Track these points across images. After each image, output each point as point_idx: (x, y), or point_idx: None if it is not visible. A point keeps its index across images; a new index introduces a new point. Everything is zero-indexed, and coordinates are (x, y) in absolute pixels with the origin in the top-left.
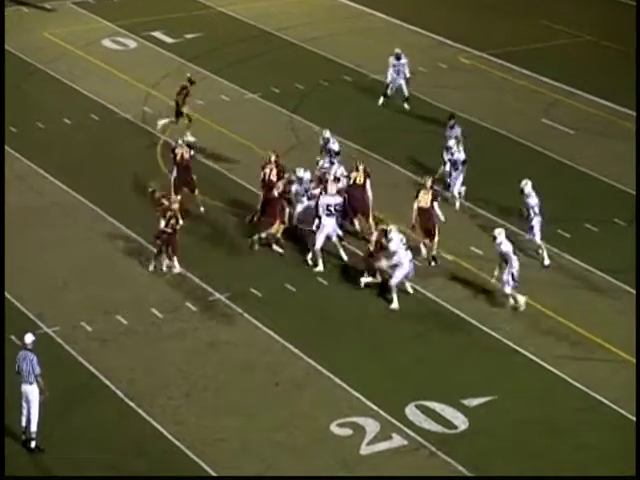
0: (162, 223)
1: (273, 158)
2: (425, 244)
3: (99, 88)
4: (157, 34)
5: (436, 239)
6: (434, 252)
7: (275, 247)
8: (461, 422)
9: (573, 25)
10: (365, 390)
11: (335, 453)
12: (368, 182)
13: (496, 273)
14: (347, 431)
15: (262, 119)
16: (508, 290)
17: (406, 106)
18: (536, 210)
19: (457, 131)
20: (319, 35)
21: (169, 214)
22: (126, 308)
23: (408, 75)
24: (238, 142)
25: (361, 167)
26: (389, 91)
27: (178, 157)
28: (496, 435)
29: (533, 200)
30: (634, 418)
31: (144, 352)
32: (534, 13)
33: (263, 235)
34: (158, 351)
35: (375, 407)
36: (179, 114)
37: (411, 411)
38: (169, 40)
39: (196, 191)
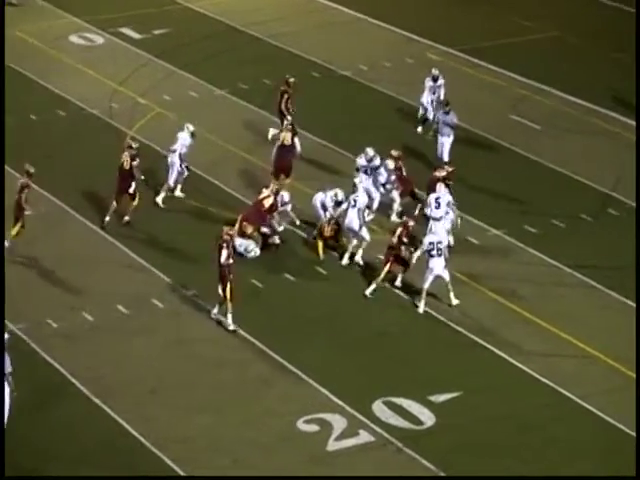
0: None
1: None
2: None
3: (66, 84)
4: (124, 30)
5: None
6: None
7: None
8: (428, 418)
9: (541, 21)
10: (332, 387)
11: (302, 449)
12: (296, 140)
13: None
14: (314, 427)
15: (230, 115)
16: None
17: (419, 129)
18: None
19: (452, 118)
20: (287, 31)
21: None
22: (92, 304)
23: (442, 97)
24: (206, 138)
25: (289, 128)
26: (428, 114)
27: (124, 164)
28: (463, 431)
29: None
30: (601, 414)
31: (111, 349)
32: (502, 9)
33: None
34: (125, 348)
35: (342, 403)
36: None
37: (378, 407)
38: (137, 36)
39: (136, 200)
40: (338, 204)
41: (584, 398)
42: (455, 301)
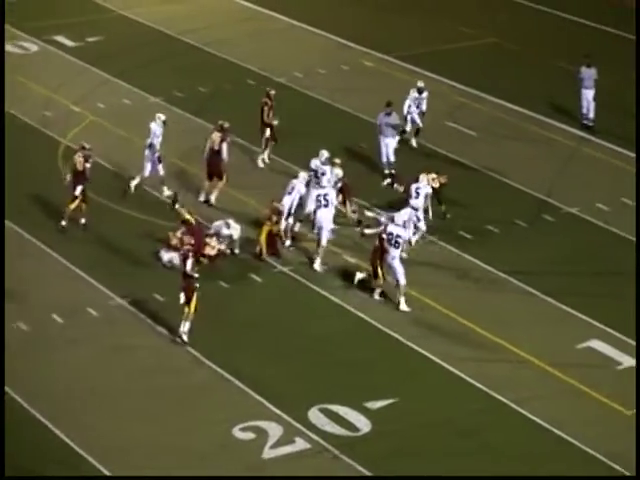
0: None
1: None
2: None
3: None
4: (59, 38)
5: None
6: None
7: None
8: (364, 425)
9: (478, 27)
10: (268, 394)
11: (238, 457)
12: (224, 146)
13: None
14: (250, 435)
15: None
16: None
17: (414, 143)
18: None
19: (395, 119)
20: (221, 38)
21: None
22: (26, 314)
23: (425, 109)
24: (140, 146)
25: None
26: (407, 127)
27: (77, 165)
28: (399, 437)
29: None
30: (536, 418)
31: (46, 358)
32: (438, 15)
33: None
34: (60, 357)
35: (278, 411)
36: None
37: (314, 414)
38: (71, 44)
39: (76, 202)
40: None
41: (519, 403)
42: (404, 308)
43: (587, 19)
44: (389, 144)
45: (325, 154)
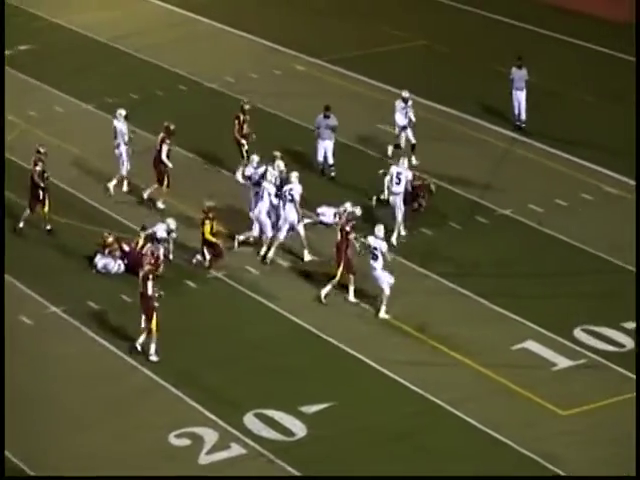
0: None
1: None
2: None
3: None
4: None
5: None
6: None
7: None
8: (299, 429)
9: (408, 30)
10: (203, 400)
11: (174, 464)
12: (164, 148)
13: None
14: (186, 441)
15: (97, 130)
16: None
17: (414, 160)
18: None
19: (333, 120)
20: (152, 44)
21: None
22: None
23: (413, 119)
24: (72, 153)
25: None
26: (400, 140)
27: (34, 174)
28: (334, 441)
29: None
30: (470, 420)
31: None
32: (369, 19)
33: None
34: None
35: (214, 417)
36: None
37: (250, 420)
38: None
39: (46, 208)
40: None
41: (454, 405)
42: (384, 315)
43: (517, 20)
44: (327, 147)
45: (255, 158)
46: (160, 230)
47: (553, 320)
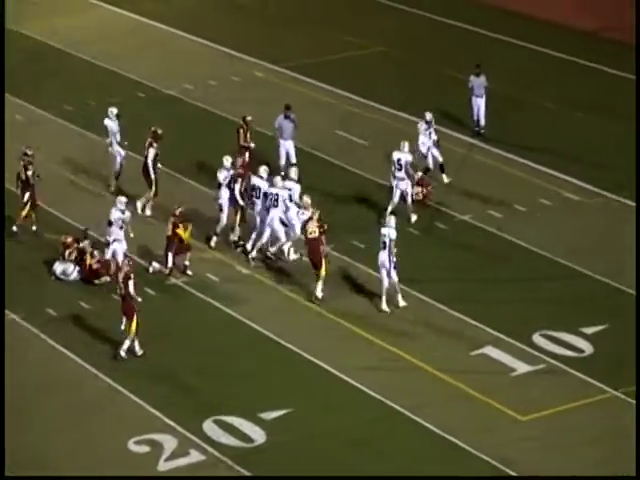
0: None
1: None
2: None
3: None
4: None
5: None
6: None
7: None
8: (259, 436)
9: (364, 36)
10: (162, 407)
11: (133, 471)
12: (150, 151)
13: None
14: (145, 448)
15: (56, 137)
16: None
17: (445, 179)
18: None
19: (294, 121)
20: (110, 51)
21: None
22: None
23: (437, 138)
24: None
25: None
26: (429, 162)
27: (20, 173)
28: (294, 448)
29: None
30: (429, 425)
31: None
32: (327, 25)
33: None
34: None
35: (173, 423)
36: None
37: (209, 426)
38: None
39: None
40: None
41: (412, 410)
42: (403, 303)
43: (472, 25)
44: (289, 147)
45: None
46: (114, 213)
47: (512, 325)
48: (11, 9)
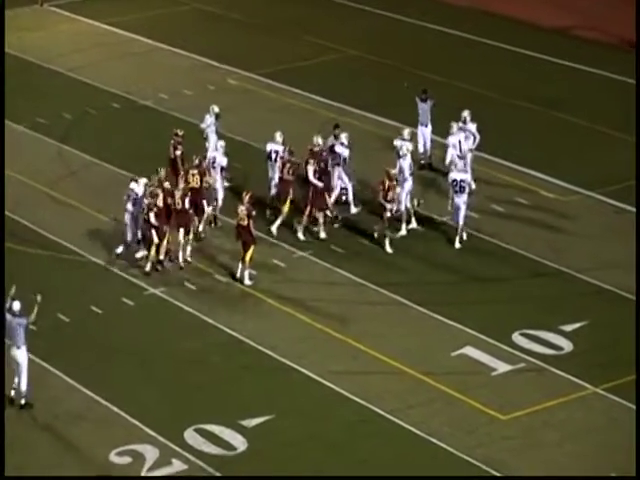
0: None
1: None
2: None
3: None
4: None
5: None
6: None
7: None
8: (240, 443)
9: (337, 40)
10: (143, 417)
11: None
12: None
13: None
14: (127, 459)
15: (30, 151)
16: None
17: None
18: None
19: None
20: (84, 63)
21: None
22: None
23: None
24: (7, 175)
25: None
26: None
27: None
28: (276, 454)
29: None
30: (412, 428)
31: None
32: (298, 31)
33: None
34: None
35: (154, 433)
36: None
37: (190, 435)
38: None
39: None
40: None
41: (394, 413)
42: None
43: (444, 26)
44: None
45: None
46: (137, 188)
47: (491, 325)
48: None
